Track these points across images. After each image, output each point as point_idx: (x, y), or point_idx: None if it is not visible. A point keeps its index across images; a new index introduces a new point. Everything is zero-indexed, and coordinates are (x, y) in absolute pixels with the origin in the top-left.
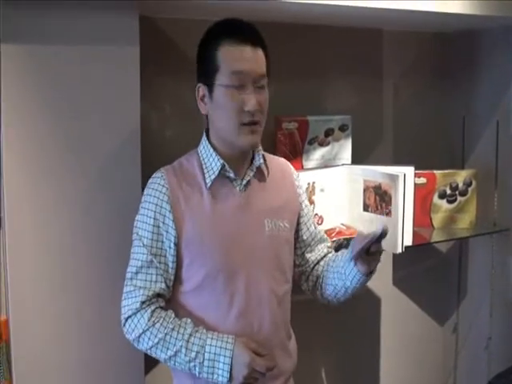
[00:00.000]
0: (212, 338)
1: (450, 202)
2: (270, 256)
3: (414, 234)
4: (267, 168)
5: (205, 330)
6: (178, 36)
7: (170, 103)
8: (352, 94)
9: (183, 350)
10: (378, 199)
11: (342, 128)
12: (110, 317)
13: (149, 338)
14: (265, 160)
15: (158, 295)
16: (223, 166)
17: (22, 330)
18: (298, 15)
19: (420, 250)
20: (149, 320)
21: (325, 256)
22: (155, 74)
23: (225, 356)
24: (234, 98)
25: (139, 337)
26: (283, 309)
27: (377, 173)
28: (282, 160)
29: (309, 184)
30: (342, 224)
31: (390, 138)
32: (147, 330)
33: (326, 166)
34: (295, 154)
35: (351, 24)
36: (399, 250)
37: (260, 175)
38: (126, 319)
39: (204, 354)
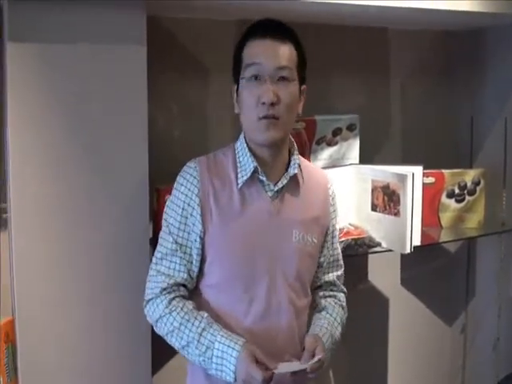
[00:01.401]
0: (223, 336)
1: (458, 201)
2: (294, 267)
3: (423, 233)
4: (302, 178)
5: (219, 327)
6: (185, 36)
7: (177, 102)
8: (360, 93)
9: (195, 343)
10: (387, 199)
11: (350, 127)
12: (117, 316)
13: (165, 324)
14: (300, 169)
15: (180, 284)
16: (256, 169)
17: (28, 331)
18: (303, 14)
19: (428, 249)
20: (166, 307)
21: (323, 289)
22: (162, 74)
23: (231, 356)
24: (251, 90)
25: (157, 321)
26: (301, 322)
27: (385, 172)
28: (322, 173)
29: None
30: (350, 224)
31: (398, 137)
32: (164, 316)
33: (333, 166)
34: (303, 154)
35: (358, 23)
36: (407, 250)
37: (294, 184)
38: (148, 302)
39: (213, 350)
